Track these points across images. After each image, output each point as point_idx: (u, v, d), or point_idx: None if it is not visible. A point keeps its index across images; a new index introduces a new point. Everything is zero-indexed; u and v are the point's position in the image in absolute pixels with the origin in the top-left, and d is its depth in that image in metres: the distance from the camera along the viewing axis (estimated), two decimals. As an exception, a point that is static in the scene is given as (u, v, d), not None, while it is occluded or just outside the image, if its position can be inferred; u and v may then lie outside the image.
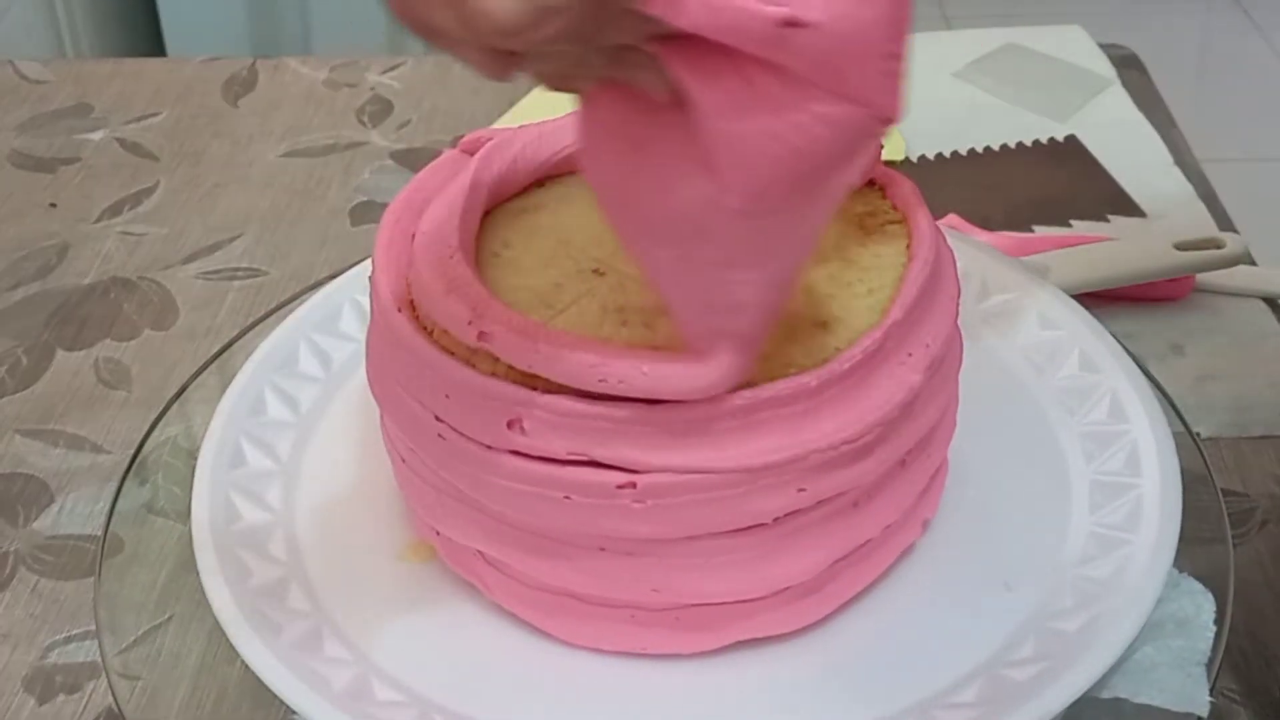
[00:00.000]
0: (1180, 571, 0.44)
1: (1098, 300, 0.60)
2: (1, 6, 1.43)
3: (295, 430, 0.51)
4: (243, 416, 0.50)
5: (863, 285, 0.42)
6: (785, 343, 0.40)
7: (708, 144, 0.33)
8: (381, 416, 0.45)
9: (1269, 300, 0.64)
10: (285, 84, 0.84)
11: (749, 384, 0.38)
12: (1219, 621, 0.43)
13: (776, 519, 0.40)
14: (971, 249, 0.55)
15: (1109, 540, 0.45)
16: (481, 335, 0.39)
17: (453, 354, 0.40)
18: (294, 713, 0.42)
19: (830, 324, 0.41)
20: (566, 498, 0.39)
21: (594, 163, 0.38)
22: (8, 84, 0.84)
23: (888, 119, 0.33)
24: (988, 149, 0.75)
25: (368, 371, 0.45)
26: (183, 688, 0.46)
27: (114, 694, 0.44)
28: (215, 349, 0.56)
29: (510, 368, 0.39)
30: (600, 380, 0.38)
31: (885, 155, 0.53)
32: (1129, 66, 0.82)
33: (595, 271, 0.43)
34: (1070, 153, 0.74)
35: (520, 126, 0.47)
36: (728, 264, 0.37)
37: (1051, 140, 0.75)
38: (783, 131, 0.33)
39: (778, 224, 0.36)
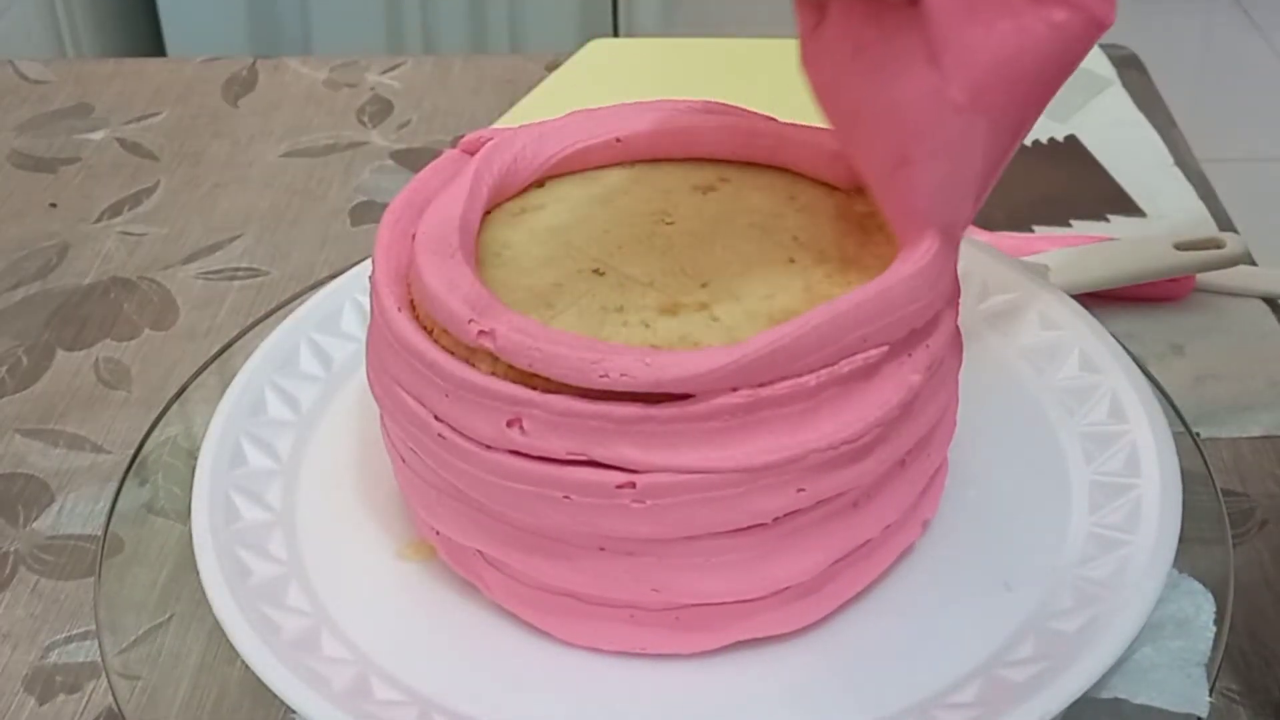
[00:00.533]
0: (1180, 572, 0.44)
1: (1098, 300, 0.60)
2: (1, 6, 1.43)
3: (295, 430, 0.51)
4: (243, 416, 0.50)
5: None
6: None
7: (936, 40, 0.37)
8: (381, 416, 0.45)
9: (1269, 300, 0.64)
10: (285, 84, 0.84)
11: (749, 384, 0.38)
12: (1219, 622, 0.43)
13: (776, 519, 0.40)
14: (971, 249, 0.55)
15: (1109, 540, 0.45)
16: (481, 334, 0.39)
17: (453, 354, 0.40)
18: (294, 712, 0.42)
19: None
20: (566, 497, 0.39)
21: (819, 65, 0.41)
22: (8, 84, 0.84)
23: (1103, 24, 0.37)
24: (988, 149, 0.75)
25: (368, 371, 0.45)
26: (183, 688, 0.46)
27: (114, 694, 0.44)
28: (215, 349, 0.56)
29: (510, 367, 0.39)
30: (602, 375, 0.38)
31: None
32: (1129, 66, 0.82)
33: (595, 271, 0.43)
34: (1070, 153, 0.74)
35: (520, 126, 0.47)
36: (940, 157, 0.39)
37: (1051, 140, 0.75)
38: (1007, 32, 0.37)
39: (992, 122, 0.39)
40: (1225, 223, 0.69)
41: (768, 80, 0.48)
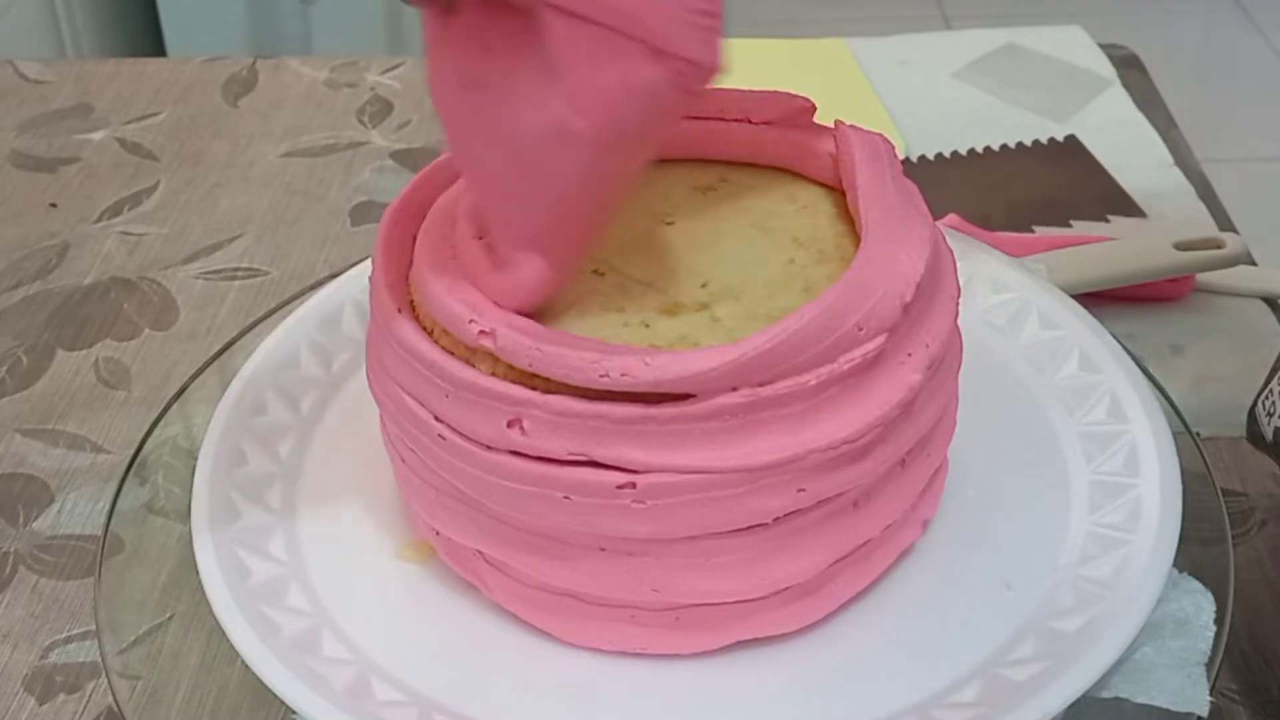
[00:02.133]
0: (1180, 571, 0.44)
1: (1098, 300, 0.60)
2: (1, 6, 1.43)
3: (295, 430, 0.51)
4: (243, 416, 0.50)
5: (863, 285, 0.42)
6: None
7: (557, 64, 0.36)
8: (381, 417, 0.45)
9: (1269, 300, 0.64)
10: (285, 84, 0.84)
11: (749, 383, 0.38)
12: (1219, 621, 0.43)
13: (776, 519, 0.40)
14: (971, 249, 0.55)
15: (1109, 540, 0.45)
16: (482, 334, 0.39)
17: (453, 354, 0.40)
18: (294, 712, 0.42)
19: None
20: (566, 498, 0.39)
21: (443, 78, 0.39)
22: (8, 84, 0.84)
23: (710, 70, 0.36)
24: (988, 149, 0.75)
25: (368, 372, 0.45)
26: (183, 688, 0.46)
27: (114, 694, 0.44)
28: (215, 349, 0.56)
29: (510, 367, 0.39)
30: (602, 375, 0.38)
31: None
32: (1129, 66, 0.82)
33: (595, 271, 0.43)
34: (1070, 153, 0.74)
35: (520, 126, 0.47)
36: (554, 185, 0.39)
37: (1051, 140, 0.75)
38: (617, 76, 0.36)
39: (610, 157, 0.38)
40: (1225, 223, 0.69)
41: (767, 80, 0.48)
